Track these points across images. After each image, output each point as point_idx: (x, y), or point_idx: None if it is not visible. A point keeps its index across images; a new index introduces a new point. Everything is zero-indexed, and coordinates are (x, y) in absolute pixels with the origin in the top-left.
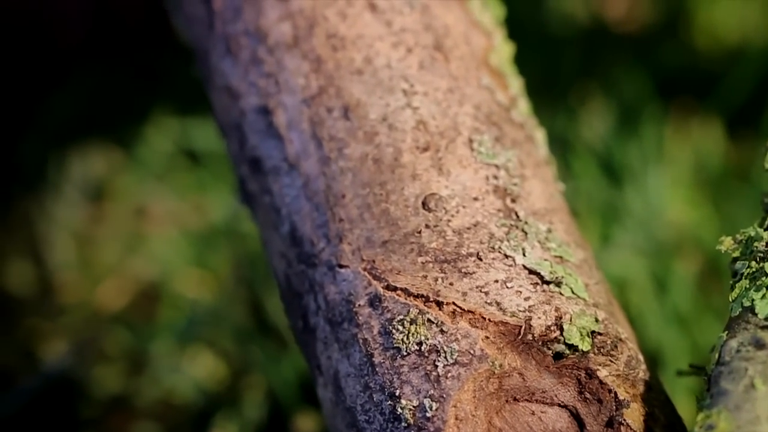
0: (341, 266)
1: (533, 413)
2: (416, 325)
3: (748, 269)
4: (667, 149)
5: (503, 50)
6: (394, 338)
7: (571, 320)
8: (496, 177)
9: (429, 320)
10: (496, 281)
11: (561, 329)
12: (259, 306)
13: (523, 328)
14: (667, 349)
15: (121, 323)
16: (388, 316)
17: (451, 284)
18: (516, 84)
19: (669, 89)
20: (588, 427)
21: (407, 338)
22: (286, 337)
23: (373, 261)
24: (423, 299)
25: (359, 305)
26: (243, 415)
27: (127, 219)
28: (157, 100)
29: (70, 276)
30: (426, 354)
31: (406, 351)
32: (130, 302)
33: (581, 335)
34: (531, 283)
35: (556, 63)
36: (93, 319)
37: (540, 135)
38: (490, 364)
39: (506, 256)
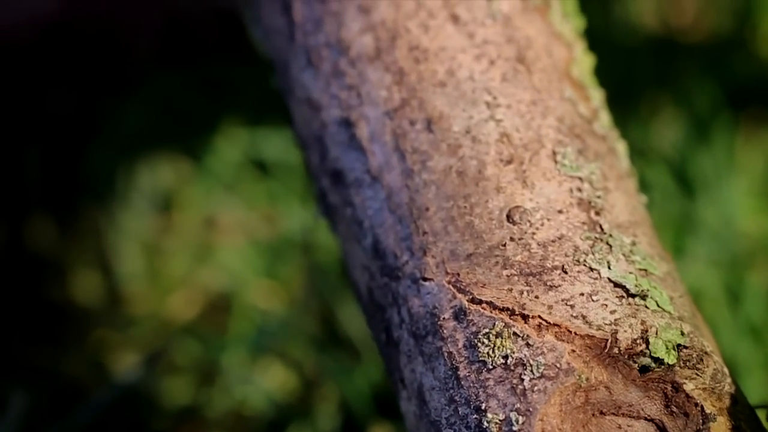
0: (425, 279)
1: (620, 427)
2: (502, 338)
3: None
4: (739, 159)
5: (584, 62)
6: (480, 352)
7: (656, 333)
8: (580, 189)
9: (515, 333)
10: (582, 294)
11: (647, 343)
12: (330, 316)
13: (610, 341)
14: (741, 360)
15: (191, 334)
16: (474, 329)
17: (536, 297)
18: (597, 96)
19: (739, 99)
20: None
21: (493, 352)
22: (359, 347)
23: (458, 274)
24: (508, 312)
25: (444, 318)
26: (315, 427)
27: (196, 229)
28: (226, 111)
29: (139, 287)
30: (512, 367)
31: (491, 364)
32: (200, 313)
33: (667, 348)
34: (616, 297)
35: (626, 73)
36: (163, 330)
37: (621, 147)
38: (577, 377)
39: (591, 269)
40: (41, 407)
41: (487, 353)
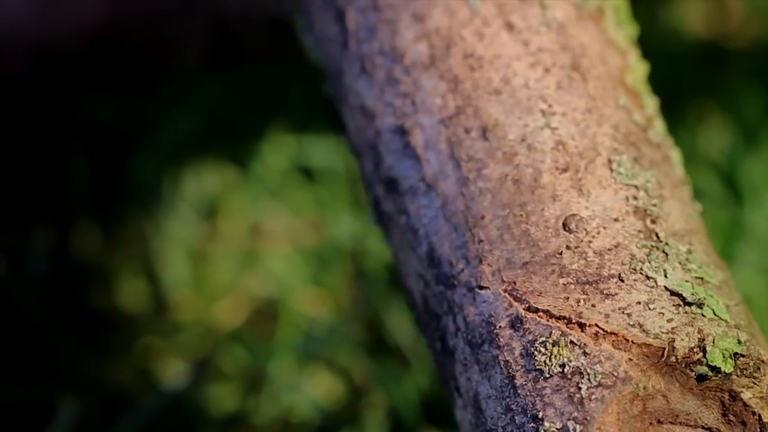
0: (481, 287)
1: None
2: (559, 347)
3: None
4: None
5: (638, 69)
6: (536, 360)
7: (713, 342)
8: (635, 198)
9: (572, 342)
10: (639, 303)
11: (704, 351)
12: (378, 324)
13: (667, 350)
14: None
15: (237, 341)
16: (530, 337)
17: (593, 306)
18: (651, 103)
19: None
20: None
21: (550, 360)
22: (408, 354)
23: (514, 282)
24: (565, 321)
25: (500, 327)
26: None
27: (242, 236)
28: (272, 117)
29: (185, 294)
30: (569, 376)
31: (548, 373)
32: (246, 320)
33: (724, 357)
34: (673, 305)
35: (672, 80)
36: (209, 338)
37: (676, 155)
38: (634, 386)
39: (648, 278)
40: (90, 415)
41: (544, 362)
